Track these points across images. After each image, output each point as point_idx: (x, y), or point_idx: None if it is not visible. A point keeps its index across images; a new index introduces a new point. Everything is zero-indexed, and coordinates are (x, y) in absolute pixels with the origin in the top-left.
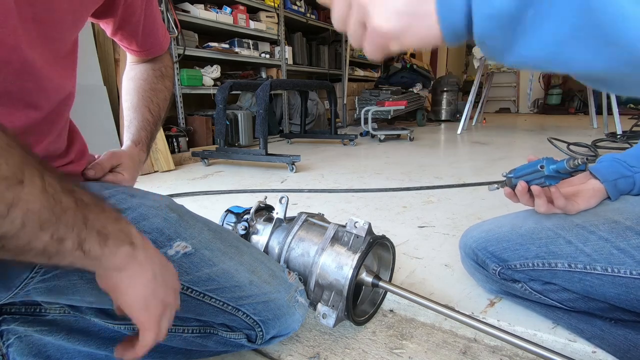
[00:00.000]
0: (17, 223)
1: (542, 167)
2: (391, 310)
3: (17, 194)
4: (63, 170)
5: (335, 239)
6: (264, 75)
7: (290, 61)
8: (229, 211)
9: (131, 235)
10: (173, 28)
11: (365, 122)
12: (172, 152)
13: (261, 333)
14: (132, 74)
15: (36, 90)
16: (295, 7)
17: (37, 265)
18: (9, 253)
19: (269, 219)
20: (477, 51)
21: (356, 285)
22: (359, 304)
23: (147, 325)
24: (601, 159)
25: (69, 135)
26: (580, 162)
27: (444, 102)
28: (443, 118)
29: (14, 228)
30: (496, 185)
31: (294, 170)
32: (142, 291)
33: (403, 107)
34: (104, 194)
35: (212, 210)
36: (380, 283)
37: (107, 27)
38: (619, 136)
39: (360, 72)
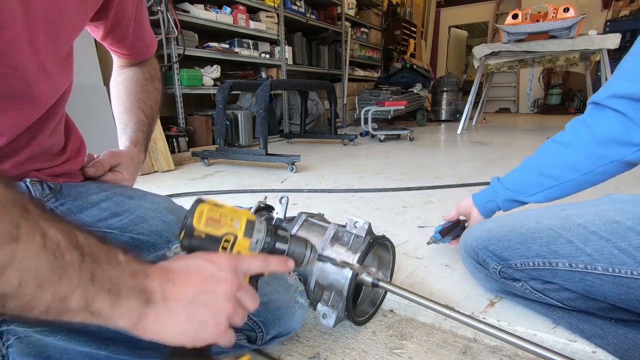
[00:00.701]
0: (13, 282)
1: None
2: (391, 310)
3: (11, 252)
4: (80, 221)
5: (335, 239)
6: (264, 75)
7: (290, 61)
8: None
9: (148, 292)
10: (173, 28)
11: (365, 122)
12: (172, 152)
13: (261, 334)
14: (121, 78)
15: (29, 93)
16: (295, 7)
17: None
18: (14, 312)
19: (269, 219)
20: (477, 51)
21: (356, 285)
22: (359, 304)
23: (216, 341)
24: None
25: (65, 131)
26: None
27: (444, 102)
28: (443, 118)
29: (11, 287)
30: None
31: (294, 170)
32: (180, 331)
33: (403, 107)
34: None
35: None
36: (380, 283)
37: (97, 31)
38: None
39: (360, 72)
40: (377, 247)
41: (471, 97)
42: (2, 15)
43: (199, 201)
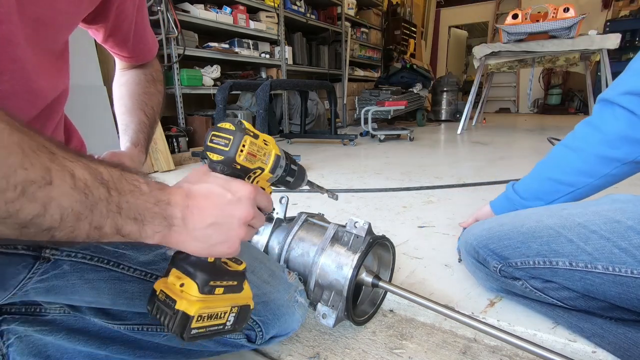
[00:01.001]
0: (56, 217)
1: None
2: (391, 310)
3: (47, 194)
4: (107, 159)
5: (335, 239)
6: (264, 75)
7: (290, 61)
8: None
9: (170, 217)
10: (173, 28)
11: (365, 122)
12: (172, 152)
13: (261, 333)
14: (123, 80)
15: (28, 89)
16: (295, 7)
17: (35, 266)
18: (62, 240)
19: (269, 219)
20: (477, 51)
21: (356, 285)
22: (358, 304)
23: (228, 250)
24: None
25: (65, 132)
26: None
27: (444, 102)
28: (443, 118)
29: (55, 222)
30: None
31: None
32: (198, 247)
33: (403, 107)
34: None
35: None
36: (380, 283)
37: (97, 34)
38: None
39: (360, 72)
40: (377, 247)
41: (471, 97)
42: (0, 7)
43: (243, 130)
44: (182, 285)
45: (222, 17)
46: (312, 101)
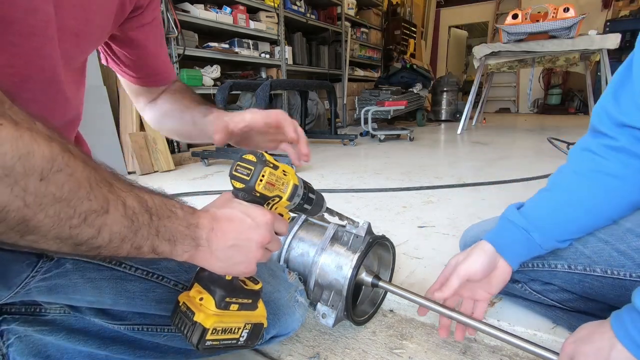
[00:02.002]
0: (106, 239)
1: None
2: (391, 310)
3: (103, 221)
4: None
5: (335, 239)
6: (264, 75)
7: (290, 61)
8: None
9: (197, 238)
10: (173, 28)
11: (365, 122)
12: (172, 152)
13: None
14: (160, 109)
15: (56, 97)
16: (295, 7)
17: (39, 264)
18: (106, 255)
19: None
20: (477, 51)
21: (356, 285)
22: (358, 304)
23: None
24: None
25: (75, 141)
26: None
27: (444, 102)
28: (443, 118)
29: (104, 242)
30: None
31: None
32: (218, 266)
33: (403, 107)
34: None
35: None
36: (380, 283)
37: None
38: None
39: (360, 72)
40: (377, 247)
41: (471, 97)
42: (35, 15)
43: (263, 162)
44: (201, 299)
45: (222, 17)
46: (312, 101)
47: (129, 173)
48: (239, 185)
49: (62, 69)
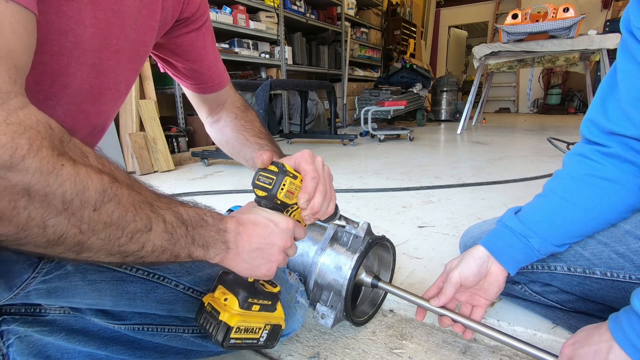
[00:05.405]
0: (149, 251)
1: None
2: (391, 310)
3: (147, 237)
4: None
5: (335, 239)
6: (263, 75)
7: (290, 61)
8: (229, 211)
9: (227, 242)
10: None
11: (365, 122)
12: (172, 152)
13: None
14: (224, 137)
15: (74, 121)
16: (295, 7)
17: (40, 265)
18: (148, 263)
19: None
20: (477, 51)
21: (356, 286)
22: (358, 304)
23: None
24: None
25: None
26: None
27: (444, 102)
28: (443, 118)
29: (147, 253)
30: None
31: None
32: (244, 268)
33: (403, 107)
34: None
35: None
36: (380, 284)
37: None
38: None
39: (360, 72)
40: (377, 247)
41: (471, 97)
42: (67, 36)
43: (284, 172)
44: (225, 299)
45: (221, 17)
46: (312, 101)
47: (129, 173)
48: (261, 193)
49: (88, 86)
